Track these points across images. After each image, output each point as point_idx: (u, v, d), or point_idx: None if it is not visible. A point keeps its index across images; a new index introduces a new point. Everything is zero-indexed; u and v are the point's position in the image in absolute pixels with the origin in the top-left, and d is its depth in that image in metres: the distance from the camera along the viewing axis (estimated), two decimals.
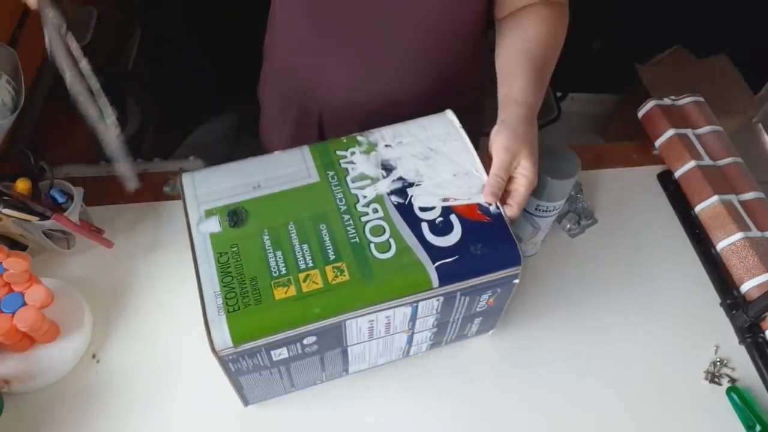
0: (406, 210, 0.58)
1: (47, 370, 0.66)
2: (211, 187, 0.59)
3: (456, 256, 0.55)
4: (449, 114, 0.65)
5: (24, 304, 0.64)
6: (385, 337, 0.60)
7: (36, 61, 1.00)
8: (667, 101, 0.91)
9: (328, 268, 0.54)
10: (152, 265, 0.77)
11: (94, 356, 0.69)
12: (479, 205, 0.58)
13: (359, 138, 0.63)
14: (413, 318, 0.58)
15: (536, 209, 0.70)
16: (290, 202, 0.58)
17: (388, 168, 0.60)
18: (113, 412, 0.66)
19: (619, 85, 1.97)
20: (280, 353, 0.55)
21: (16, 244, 0.74)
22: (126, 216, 0.81)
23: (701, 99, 0.92)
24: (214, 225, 0.56)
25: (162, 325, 0.72)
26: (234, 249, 0.55)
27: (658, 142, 0.89)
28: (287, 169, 0.60)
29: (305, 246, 0.55)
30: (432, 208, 0.58)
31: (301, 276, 0.53)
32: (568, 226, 0.83)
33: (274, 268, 0.54)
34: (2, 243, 0.70)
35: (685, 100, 0.92)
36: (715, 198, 0.80)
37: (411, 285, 0.54)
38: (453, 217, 0.57)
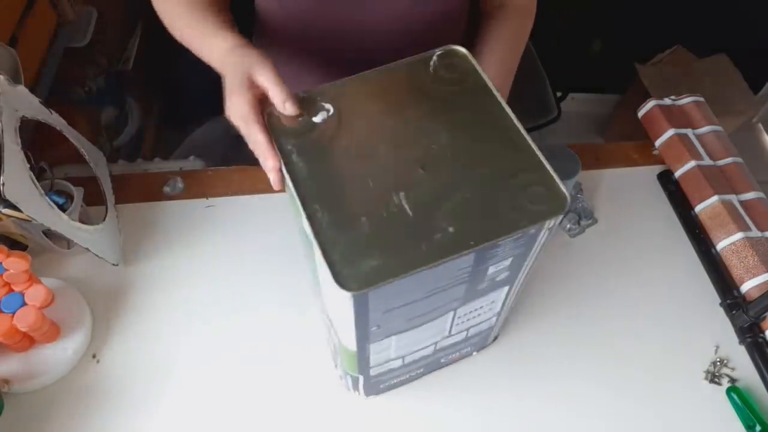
0: None
1: (47, 370, 0.66)
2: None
3: None
4: None
5: (24, 304, 0.64)
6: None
7: (36, 61, 1.00)
8: (667, 101, 0.91)
9: None
10: (152, 265, 0.77)
11: (94, 356, 0.69)
12: None
13: None
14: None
15: None
16: None
17: None
18: (113, 412, 0.66)
19: (619, 85, 1.97)
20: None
21: (16, 244, 0.74)
22: (126, 216, 0.80)
23: (701, 99, 0.92)
24: None
25: (162, 325, 0.72)
26: None
27: (658, 142, 0.89)
28: None
29: None
30: None
31: None
32: (568, 226, 0.83)
33: None
34: (2, 243, 0.70)
35: (685, 100, 0.92)
36: (715, 198, 0.80)
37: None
38: None
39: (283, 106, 0.50)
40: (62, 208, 0.70)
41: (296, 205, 0.48)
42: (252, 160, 0.56)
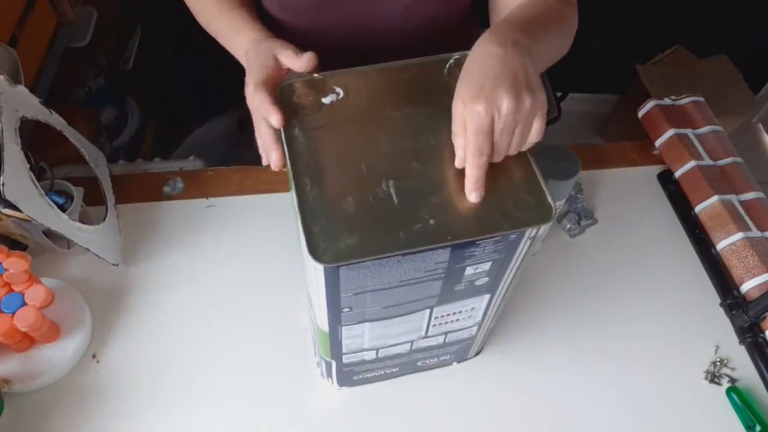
0: None
1: (47, 370, 0.66)
2: None
3: None
4: None
5: (24, 304, 0.64)
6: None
7: (36, 61, 1.01)
8: (667, 101, 0.91)
9: None
10: (152, 265, 0.77)
11: (94, 356, 0.69)
12: None
13: None
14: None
15: None
16: None
17: None
18: (113, 412, 0.66)
19: (619, 85, 1.97)
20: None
21: (16, 244, 0.74)
22: (126, 216, 0.80)
23: (701, 99, 0.92)
24: None
25: (162, 325, 0.72)
26: None
27: (658, 142, 0.89)
28: None
29: None
30: None
31: None
32: (568, 226, 0.83)
33: None
34: (2, 243, 0.70)
35: (685, 100, 0.92)
36: (715, 198, 0.80)
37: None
38: None
39: (304, 62, 0.53)
40: (62, 208, 0.70)
41: (290, 177, 0.49)
42: (252, 161, 0.56)
